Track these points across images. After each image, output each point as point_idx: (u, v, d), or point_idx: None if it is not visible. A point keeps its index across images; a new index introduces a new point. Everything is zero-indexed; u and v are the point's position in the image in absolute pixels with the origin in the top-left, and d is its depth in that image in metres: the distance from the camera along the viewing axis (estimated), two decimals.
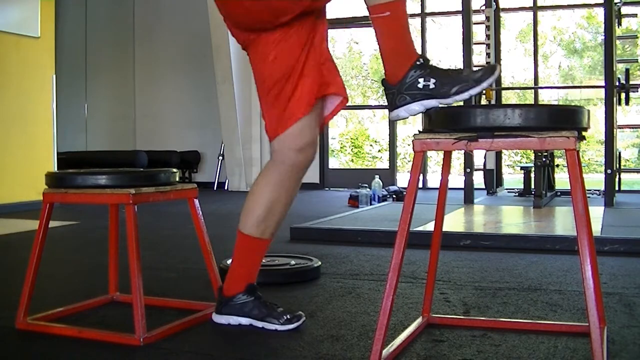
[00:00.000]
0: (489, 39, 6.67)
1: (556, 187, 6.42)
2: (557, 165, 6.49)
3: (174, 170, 2.06)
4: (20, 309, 1.93)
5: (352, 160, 11.62)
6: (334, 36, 9.65)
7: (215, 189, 8.46)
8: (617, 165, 6.16)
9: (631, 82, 6.18)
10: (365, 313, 2.09)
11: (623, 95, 6.22)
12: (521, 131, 1.45)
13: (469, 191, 5.56)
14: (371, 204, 5.85)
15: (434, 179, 8.47)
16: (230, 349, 1.76)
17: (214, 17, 7.43)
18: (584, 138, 1.52)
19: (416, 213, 1.60)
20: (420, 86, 1.60)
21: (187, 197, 2.08)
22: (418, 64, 1.61)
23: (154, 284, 2.44)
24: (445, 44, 10.10)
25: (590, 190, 6.52)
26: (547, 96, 10.54)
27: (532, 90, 8.72)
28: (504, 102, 7.91)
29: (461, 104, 1.70)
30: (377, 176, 6.39)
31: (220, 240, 1.94)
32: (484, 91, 6.13)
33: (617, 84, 5.84)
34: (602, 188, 5.75)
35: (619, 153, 6.69)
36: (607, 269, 2.77)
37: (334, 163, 10.23)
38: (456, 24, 8.10)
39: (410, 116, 1.65)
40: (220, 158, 8.55)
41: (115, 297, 2.27)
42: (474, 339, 1.78)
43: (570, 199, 2.60)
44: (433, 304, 1.98)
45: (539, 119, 1.46)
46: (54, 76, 6.05)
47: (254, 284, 1.94)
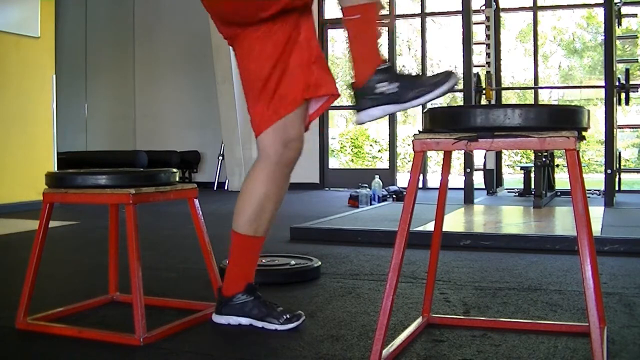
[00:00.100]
0: (489, 39, 6.67)
1: (556, 187, 6.42)
2: (557, 165, 6.49)
3: (174, 170, 2.06)
4: (20, 309, 1.93)
5: (352, 160, 11.61)
6: (334, 36, 9.64)
7: (215, 189, 8.46)
8: (617, 165, 6.16)
9: (631, 82, 6.19)
10: (365, 313, 2.09)
11: (623, 95, 6.22)
12: (521, 131, 1.45)
13: (469, 191, 5.56)
14: (371, 204, 5.85)
15: (434, 179, 8.47)
16: (230, 349, 1.76)
17: None
18: (584, 138, 1.52)
19: (416, 213, 1.60)
20: (382, 91, 1.61)
21: (187, 197, 2.08)
22: (382, 68, 1.62)
23: (154, 284, 2.44)
24: (445, 44, 10.10)
25: (590, 190, 6.52)
26: (547, 96, 10.54)
27: (532, 90, 8.72)
28: (504, 102, 7.91)
29: (461, 103, 1.70)
30: (377, 176, 6.39)
31: (220, 240, 1.94)
32: (484, 94, 6.14)
33: (617, 84, 5.85)
34: (602, 188, 5.75)
35: (619, 153, 6.69)
36: (607, 269, 2.76)
37: (334, 163, 10.22)
38: (456, 24, 8.10)
39: (373, 120, 1.66)
40: (220, 158, 8.55)
41: (115, 297, 2.27)
42: (474, 339, 1.78)
43: (570, 199, 2.60)
44: (433, 304, 1.98)
45: (539, 119, 1.46)
46: (54, 76, 6.05)
47: (253, 283, 1.95)
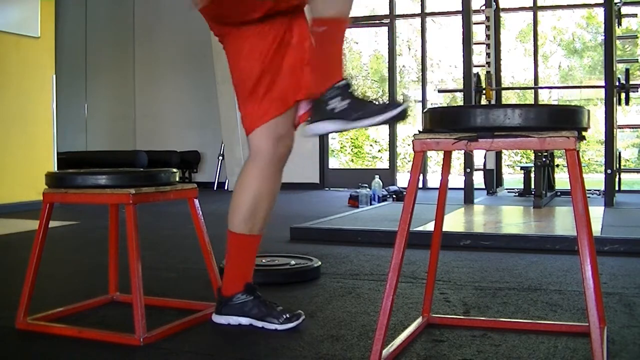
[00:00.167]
0: (489, 39, 6.67)
1: (556, 187, 6.42)
2: (557, 165, 6.49)
3: (174, 170, 2.06)
4: (20, 309, 1.93)
5: (352, 160, 11.60)
6: None
7: (215, 189, 8.46)
8: (617, 165, 6.16)
9: (631, 82, 6.18)
10: (365, 313, 2.09)
11: (623, 95, 6.22)
12: (521, 131, 1.45)
13: (469, 191, 5.56)
14: (371, 204, 5.85)
15: (434, 179, 8.47)
16: (230, 349, 1.76)
17: None
18: (584, 138, 1.52)
19: (416, 213, 1.60)
20: (332, 107, 1.62)
21: (187, 197, 2.08)
22: (339, 85, 1.62)
23: (154, 284, 2.44)
24: (445, 44, 10.10)
25: (590, 190, 6.52)
26: (547, 96, 10.53)
27: (532, 90, 8.72)
28: (504, 102, 7.91)
29: (461, 103, 1.70)
30: (377, 176, 6.39)
31: (220, 240, 1.94)
32: (484, 94, 6.13)
33: (617, 84, 5.84)
34: (602, 188, 5.75)
35: (619, 153, 6.69)
36: (607, 269, 2.76)
37: (334, 163, 10.22)
38: (456, 24, 8.10)
39: (318, 135, 1.66)
40: (220, 158, 8.55)
41: (115, 297, 2.27)
42: (474, 339, 1.78)
43: (570, 199, 2.60)
44: (433, 304, 1.98)
45: (539, 119, 1.46)
46: (54, 76, 6.05)
47: (252, 283, 1.95)
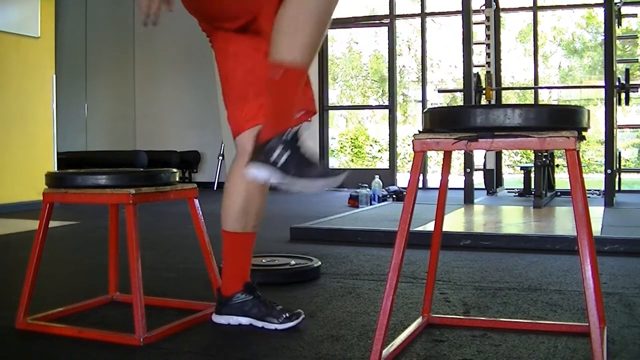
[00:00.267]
0: (489, 39, 6.67)
1: (556, 187, 6.42)
2: (557, 165, 6.49)
3: (174, 170, 2.06)
4: (20, 309, 1.93)
5: (352, 160, 11.60)
6: (333, 36, 9.65)
7: (215, 189, 8.46)
8: (617, 165, 6.16)
9: (631, 82, 6.18)
10: (365, 313, 2.09)
11: (623, 95, 6.22)
12: (521, 131, 1.45)
13: (469, 191, 5.56)
14: (371, 204, 5.86)
15: (434, 179, 8.47)
16: (230, 349, 1.76)
17: None
18: (584, 138, 1.52)
19: (416, 213, 1.60)
20: (274, 156, 1.62)
21: (187, 197, 2.08)
22: (283, 137, 1.62)
23: (154, 284, 2.44)
24: (445, 44, 10.10)
25: (590, 190, 6.52)
26: (547, 96, 10.53)
27: (532, 90, 8.72)
28: (504, 102, 7.91)
29: (461, 103, 1.70)
30: (377, 176, 6.39)
31: (220, 240, 1.95)
32: (484, 94, 6.13)
33: (617, 84, 5.84)
34: (602, 188, 5.75)
35: (619, 153, 6.69)
36: (607, 269, 2.76)
37: (334, 163, 10.22)
38: (456, 24, 8.10)
39: (256, 179, 1.66)
40: (220, 158, 8.54)
41: (115, 297, 2.27)
42: (474, 339, 1.78)
43: (570, 199, 2.60)
44: (433, 304, 1.98)
45: (539, 119, 1.46)
46: (54, 76, 6.05)
47: (251, 282, 1.95)
